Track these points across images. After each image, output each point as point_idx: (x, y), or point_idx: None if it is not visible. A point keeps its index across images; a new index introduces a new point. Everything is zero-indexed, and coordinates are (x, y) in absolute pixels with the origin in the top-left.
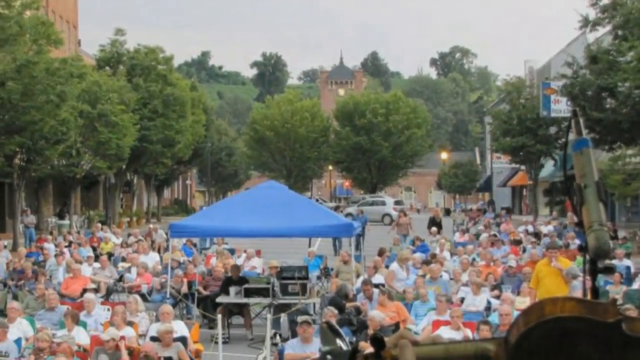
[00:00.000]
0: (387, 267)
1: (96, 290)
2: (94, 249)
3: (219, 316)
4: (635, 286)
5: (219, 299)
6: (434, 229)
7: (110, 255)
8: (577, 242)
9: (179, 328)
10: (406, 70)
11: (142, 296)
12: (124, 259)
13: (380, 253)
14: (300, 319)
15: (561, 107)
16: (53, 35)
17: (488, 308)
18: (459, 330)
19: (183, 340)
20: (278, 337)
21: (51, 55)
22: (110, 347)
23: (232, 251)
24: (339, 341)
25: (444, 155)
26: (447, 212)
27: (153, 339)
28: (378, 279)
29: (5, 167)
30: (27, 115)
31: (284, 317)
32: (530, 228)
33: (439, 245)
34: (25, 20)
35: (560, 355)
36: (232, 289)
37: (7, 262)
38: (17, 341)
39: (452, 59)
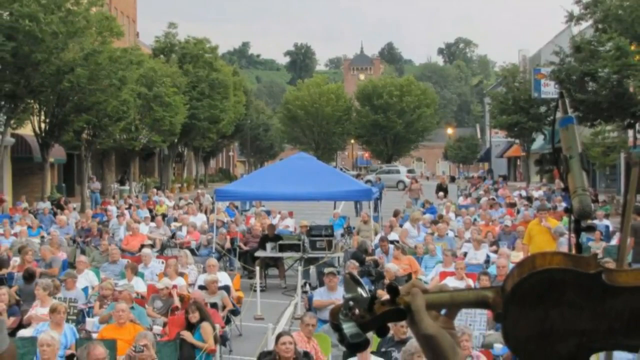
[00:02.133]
0: (401, 226)
1: (152, 246)
2: (150, 211)
3: (257, 268)
4: (613, 242)
5: (257, 254)
6: (441, 193)
7: (164, 216)
8: (564, 204)
9: (223, 278)
10: (417, 58)
11: (192, 251)
12: (175, 220)
13: (395, 214)
14: (326, 270)
15: (550, 89)
16: (115, 28)
17: (487, 261)
18: (462, 280)
19: (226, 288)
20: (308, 285)
21: (113, 46)
22: (164, 294)
23: (268, 212)
24: (359, 289)
25: (449, 131)
26: (452, 179)
27: (201, 287)
28: (393, 236)
29: (75, 141)
30: (93, 96)
31: (312, 269)
32: (524, 193)
33: (445, 207)
34: (91, 16)
35: (549, 301)
36: (269, 245)
37: (76, 222)
38: (85, 289)
39: (456, 49)
